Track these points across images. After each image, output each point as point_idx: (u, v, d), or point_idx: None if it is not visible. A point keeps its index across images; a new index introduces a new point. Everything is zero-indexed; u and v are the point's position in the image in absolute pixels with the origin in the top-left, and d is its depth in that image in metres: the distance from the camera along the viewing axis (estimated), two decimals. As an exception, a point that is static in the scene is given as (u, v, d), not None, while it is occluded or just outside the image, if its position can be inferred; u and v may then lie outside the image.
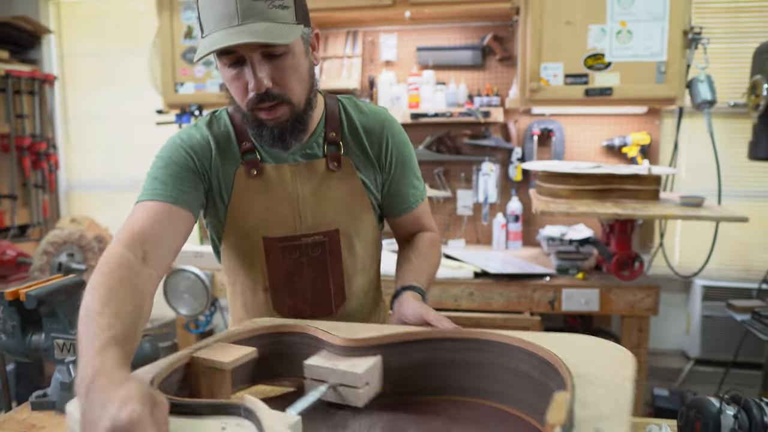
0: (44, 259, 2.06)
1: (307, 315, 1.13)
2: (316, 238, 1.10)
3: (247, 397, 0.65)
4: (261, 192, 1.08)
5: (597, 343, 0.84)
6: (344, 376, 0.81)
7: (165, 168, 1.03)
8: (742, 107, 2.52)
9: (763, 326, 2.03)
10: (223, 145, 1.08)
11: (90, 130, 3.43)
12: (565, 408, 0.63)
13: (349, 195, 1.12)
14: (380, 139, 1.14)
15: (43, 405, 0.99)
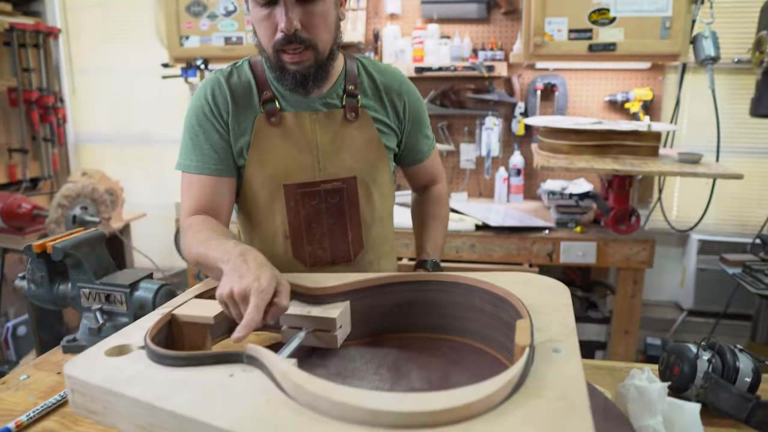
0: (59, 212, 2.13)
1: (326, 262, 1.19)
2: (334, 185, 1.15)
3: (250, 346, 0.69)
4: (281, 140, 1.12)
5: (535, 278, 0.94)
6: (320, 321, 0.87)
7: (198, 137, 1.12)
8: (746, 63, 2.52)
9: (754, 279, 2.10)
10: (242, 96, 1.12)
11: (96, 84, 3.44)
12: (528, 332, 0.73)
13: (366, 145, 1.16)
14: (398, 97, 1.20)
15: (73, 348, 1.08)
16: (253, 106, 1.12)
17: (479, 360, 0.91)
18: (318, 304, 0.91)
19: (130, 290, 1.06)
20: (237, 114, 1.12)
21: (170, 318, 0.84)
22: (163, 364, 0.69)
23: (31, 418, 0.83)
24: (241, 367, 0.68)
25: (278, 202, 1.15)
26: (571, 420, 0.56)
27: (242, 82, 1.13)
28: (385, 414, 0.55)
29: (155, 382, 0.66)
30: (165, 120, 3.35)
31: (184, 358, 0.69)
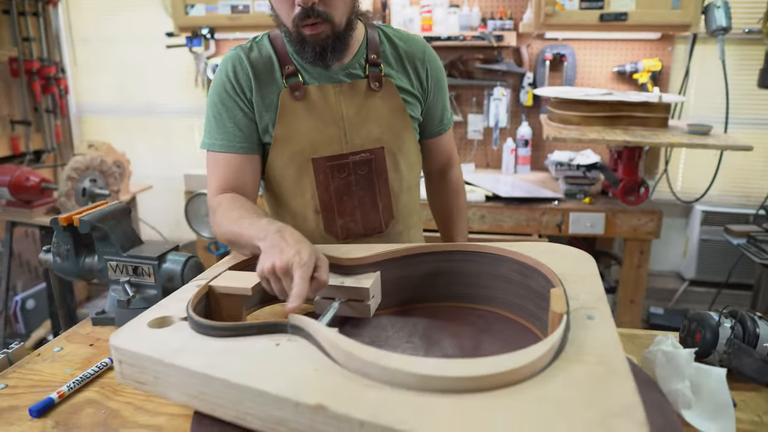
0: (69, 185, 2.12)
1: (359, 234, 1.19)
2: (363, 156, 1.15)
3: (293, 316, 0.71)
4: (306, 113, 1.11)
5: (560, 248, 0.95)
6: (353, 291, 0.89)
7: (227, 114, 1.11)
8: (756, 34, 2.50)
9: (758, 250, 2.13)
10: (264, 72, 1.11)
11: (98, 54, 3.39)
12: (564, 299, 0.74)
13: (391, 114, 1.16)
14: (422, 65, 1.19)
15: (102, 321, 1.09)
16: (275, 81, 1.11)
17: (508, 328, 0.93)
18: (350, 275, 0.93)
19: (158, 262, 1.07)
20: (260, 90, 1.11)
21: (207, 290, 0.85)
22: (208, 334, 0.71)
23: (72, 388, 0.84)
24: (286, 336, 0.70)
25: (307, 177, 1.14)
26: (613, 383, 0.58)
27: (263, 57, 1.12)
28: (435, 379, 0.56)
29: (203, 352, 0.67)
30: (169, 90, 3.32)
31: (230, 328, 0.70)
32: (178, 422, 0.77)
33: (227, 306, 0.86)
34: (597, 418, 0.52)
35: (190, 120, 3.34)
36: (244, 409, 0.61)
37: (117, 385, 0.86)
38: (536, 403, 0.55)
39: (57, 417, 0.79)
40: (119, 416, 0.79)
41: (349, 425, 0.54)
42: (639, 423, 0.51)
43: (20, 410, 0.81)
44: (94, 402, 0.82)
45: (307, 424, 0.56)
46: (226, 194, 1.10)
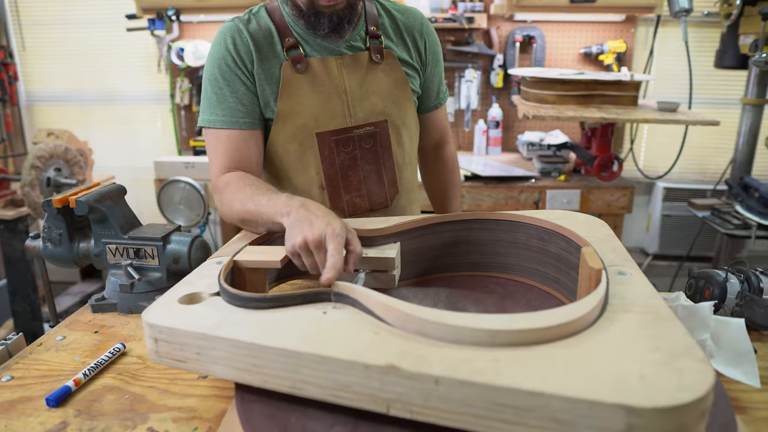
0: (33, 174, 2.00)
1: (365, 210, 1.17)
2: (367, 129, 1.12)
3: (338, 283, 0.70)
4: (309, 86, 1.08)
5: (569, 215, 0.97)
6: (378, 262, 0.88)
7: (222, 90, 1.07)
8: (714, 16, 2.62)
9: (722, 221, 2.25)
10: (263, 44, 1.08)
11: (49, 38, 3.19)
12: (597, 255, 0.76)
13: (393, 86, 1.14)
14: (420, 37, 1.18)
15: (103, 307, 1.03)
16: (276, 54, 1.08)
17: (528, 294, 0.94)
18: (371, 246, 0.91)
19: (162, 244, 1.02)
20: (261, 62, 1.07)
21: (233, 264, 0.82)
22: (248, 307, 0.68)
23: (87, 375, 0.80)
24: (331, 305, 0.68)
25: (311, 152, 1.11)
26: (665, 328, 0.59)
27: (262, 29, 1.09)
28: (502, 333, 0.56)
29: (248, 324, 0.64)
30: (130, 76, 3.17)
31: (272, 299, 0.68)
32: (209, 403, 0.74)
33: (252, 280, 0.83)
34: (663, 359, 0.53)
35: (152, 107, 3.20)
36: (302, 377, 0.59)
37: (135, 370, 0.83)
38: (601, 349, 0.56)
39: (77, 405, 0.75)
40: (145, 401, 0.75)
41: (422, 383, 0.53)
42: (703, 361, 0.53)
43: (35, 401, 0.76)
44: (114, 388, 0.78)
45: (376, 386, 0.55)
46: (233, 173, 1.06)
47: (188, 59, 2.81)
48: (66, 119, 3.29)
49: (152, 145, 3.26)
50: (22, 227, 2.28)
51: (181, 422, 0.71)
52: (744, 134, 2.45)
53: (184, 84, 2.92)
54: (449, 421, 0.53)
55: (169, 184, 2.25)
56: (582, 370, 0.52)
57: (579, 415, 0.49)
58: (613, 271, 0.74)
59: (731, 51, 2.48)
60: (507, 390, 0.50)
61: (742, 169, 2.48)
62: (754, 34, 2.27)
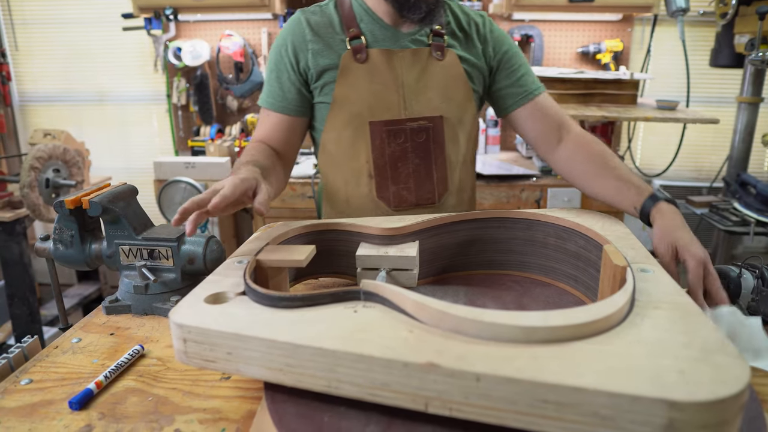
0: (32, 176, 1.98)
1: (411, 203, 1.18)
2: (421, 123, 1.14)
3: (366, 282, 0.69)
4: (367, 76, 1.12)
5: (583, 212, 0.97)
6: (398, 260, 0.88)
7: (275, 74, 1.17)
8: (710, 15, 2.65)
9: (721, 218, 2.27)
10: (325, 34, 1.13)
11: (42, 38, 3.15)
12: (620, 253, 0.76)
13: (452, 83, 1.15)
14: (483, 35, 1.20)
15: (117, 309, 1.02)
16: (337, 44, 1.13)
17: (545, 291, 0.94)
18: (390, 245, 0.91)
19: (177, 244, 1.01)
20: (318, 51, 1.13)
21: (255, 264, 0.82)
22: (278, 306, 0.67)
23: (108, 378, 0.79)
24: (361, 303, 0.67)
25: (363, 140, 1.14)
26: (695, 324, 0.59)
27: (326, 20, 1.15)
28: (540, 330, 0.56)
29: (281, 323, 0.63)
30: (125, 77, 3.14)
31: (302, 298, 0.67)
32: (234, 404, 0.74)
33: (275, 280, 0.83)
34: (697, 355, 0.54)
35: (148, 107, 3.17)
36: (338, 376, 0.58)
37: (156, 372, 0.82)
38: (636, 345, 0.56)
39: (100, 408, 0.74)
40: (169, 403, 0.75)
41: (463, 381, 0.53)
42: (737, 356, 0.53)
43: (56, 404, 0.75)
44: (136, 390, 0.78)
45: (416, 384, 0.55)
46: (255, 143, 1.17)
47: (186, 59, 2.79)
48: (60, 120, 3.25)
49: (148, 145, 3.24)
50: (20, 229, 2.25)
51: (208, 424, 0.70)
52: (740, 132, 2.48)
53: (181, 84, 2.89)
54: (488, 418, 0.53)
55: (170, 184, 2.23)
56: (620, 366, 0.52)
57: (621, 410, 0.49)
58: (635, 268, 0.75)
59: (726, 50, 2.51)
60: (550, 386, 0.50)
61: (739, 166, 2.51)
62: (750, 33, 2.29)
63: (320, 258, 0.97)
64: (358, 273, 0.91)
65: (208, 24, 2.91)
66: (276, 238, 0.92)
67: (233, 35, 2.83)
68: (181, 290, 1.02)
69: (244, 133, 2.86)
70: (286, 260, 0.81)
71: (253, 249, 0.87)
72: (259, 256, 0.83)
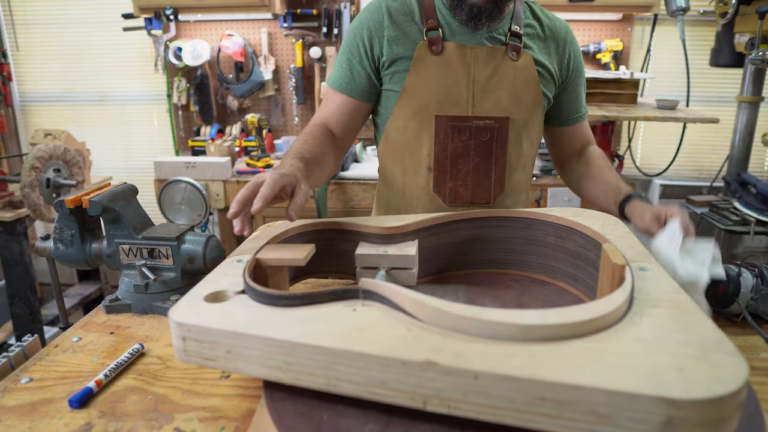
0: (33, 175, 1.98)
1: (466, 201, 1.18)
2: (487, 122, 1.13)
3: (365, 280, 0.69)
4: (439, 69, 1.11)
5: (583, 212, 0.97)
6: (398, 259, 0.88)
7: (347, 56, 1.17)
8: (710, 15, 2.65)
9: (721, 217, 2.27)
10: (403, 22, 1.13)
11: (43, 38, 3.16)
12: (619, 252, 0.76)
13: (524, 86, 1.14)
14: (564, 45, 1.19)
15: (117, 308, 1.03)
16: (414, 33, 1.12)
17: (545, 290, 0.95)
18: (389, 243, 0.92)
19: (177, 243, 1.01)
20: (394, 39, 1.12)
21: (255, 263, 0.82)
22: (278, 305, 0.67)
23: (108, 376, 0.79)
24: (359, 302, 0.68)
25: (427, 132, 1.14)
26: (693, 322, 0.59)
27: (405, 8, 1.14)
28: (537, 328, 0.57)
29: (280, 322, 0.64)
30: (126, 77, 3.14)
31: (302, 297, 0.67)
32: (234, 402, 0.74)
33: (274, 278, 0.83)
34: (696, 353, 0.53)
35: (148, 107, 3.18)
36: (336, 374, 0.59)
37: (156, 371, 0.82)
38: (634, 343, 0.56)
39: (100, 406, 0.74)
40: (169, 401, 0.75)
41: (461, 379, 0.53)
42: (736, 354, 0.53)
43: (56, 402, 0.75)
44: (136, 389, 0.78)
45: (414, 382, 0.55)
46: (315, 124, 1.17)
47: (186, 59, 2.79)
48: (60, 120, 3.26)
49: (148, 145, 3.24)
50: (21, 229, 2.25)
51: (208, 422, 0.70)
52: (740, 131, 2.48)
53: (181, 84, 2.90)
54: (486, 416, 0.53)
55: (170, 184, 2.23)
56: (618, 364, 0.52)
57: (619, 408, 0.49)
58: (634, 267, 0.75)
59: (726, 49, 2.51)
60: (547, 384, 0.50)
61: (739, 165, 2.51)
62: (750, 33, 2.29)
63: (320, 257, 0.97)
64: (357, 272, 0.91)
65: (208, 24, 2.91)
66: (276, 237, 0.92)
67: (234, 35, 2.83)
68: (181, 289, 1.02)
69: (244, 133, 2.86)
70: (286, 259, 0.81)
71: (252, 248, 0.87)
72: (259, 255, 0.83)
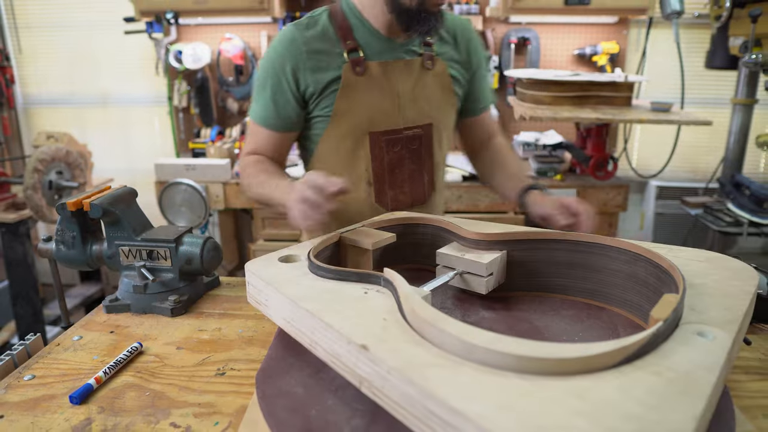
0: (35, 177, 2.01)
1: (407, 205, 1.24)
2: (415, 131, 1.19)
3: (387, 270, 0.74)
4: (366, 88, 1.14)
5: (721, 258, 0.83)
6: (470, 264, 0.89)
7: (270, 93, 1.17)
8: (704, 18, 2.67)
9: (714, 218, 2.30)
10: (321, 49, 1.13)
11: (45, 40, 3.19)
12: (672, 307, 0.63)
13: (441, 91, 1.21)
14: (467, 43, 1.25)
15: (117, 308, 1.05)
16: (335, 57, 1.14)
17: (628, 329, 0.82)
18: (475, 249, 0.92)
19: (175, 245, 1.04)
20: (317, 68, 1.13)
21: (338, 239, 0.93)
22: (316, 274, 0.78)
23: (108, 373, 0.82)
24: (377, 287, 0.73)
25: (362, 150, 1.18)
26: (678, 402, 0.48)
27: (320, 33, 1.14)
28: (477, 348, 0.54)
29: (304, 286, 0.75)
30: (127, 79, 3.18)
31: (332, 271, 0.77)
32: (227, 398, 0.77)
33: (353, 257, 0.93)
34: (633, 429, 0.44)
35: (150, 109, 3.21)
36: (315, 338, 0.66)
37: (154, 368, 0.85)
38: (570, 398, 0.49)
39: (99, 402, 0.77)
40: (165, 397, 0.78)
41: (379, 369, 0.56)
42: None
43: (58, 398, 0.78)
44: (134, 386, 0.81)
45: (354, 362, 0.59)
46: (251, 156, 1.22)
47: (186, 62, 2.82)
48: (63, 122, 3.29)
49: (149, 147, 3.28)
50: (24, 230, 2.29)
51: (203, 417, 0.73)
52: (735, 133, 2.50)
53: (182, 86, 2.93)
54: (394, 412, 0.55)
55: (171, 186, 2.26)
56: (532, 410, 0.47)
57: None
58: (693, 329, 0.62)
59: (721, 52, 2.53)
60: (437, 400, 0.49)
61: (733, 167, 2.53)
62: (744, 36, 2.32)
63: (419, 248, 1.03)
64: (437, 269, 0.94)
65: (208, 27, 2.94)
66: (378, 222, 0.99)
67: (233, 38, 2.86)
68: (179, 290, 1.05)
69: (244, 135, 2.89)
70: (358, 240, 0.90)
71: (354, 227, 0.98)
72: (346, 234, 0.92)
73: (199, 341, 0.93)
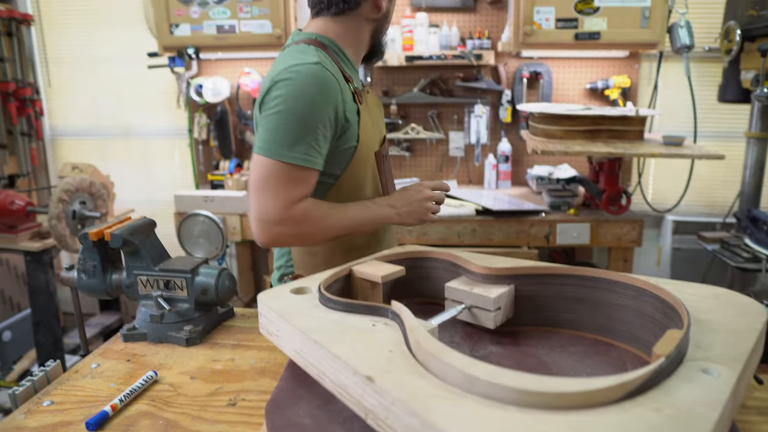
0: (60, 207, 2.08)
1: None
2: (387, 145, 1.37)
3: (395, 303, 0.75)
4: (367, 114, 1.26)
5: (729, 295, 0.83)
6: (478, 298, 0.90)
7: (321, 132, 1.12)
8: (715, 52, 2.69)
9: (732, 254, 2.27)
10: (341, 84, 1.17)
11: (73, 74, 3.33)
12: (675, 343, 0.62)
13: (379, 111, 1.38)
14: None
15: (134, 337, 1.08)
16: (347, 90, 1.20)
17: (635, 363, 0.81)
18: (483, 283, 0.93)
19: (191, 276, 1.08)
20: (343, 101, 1.16)
21: (348, 272, 0.96)
22: (327, 306, 0.81)
23: (123, 401, 0.85)
24: (385, 320, 0.75)
25: (371, 172, 1.29)
26: None
27: (334, 67, 1.17)
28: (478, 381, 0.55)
29: (314, 318, 0.77)
30: (149, 112, 3.29)
31: (342, 303, 0.79)
32: (238, 429, 0.78)
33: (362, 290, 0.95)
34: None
35: (171, 141, 3.31)
36: (323, 369, 0.67)
37: (168, 397, 0.87)
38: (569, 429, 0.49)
39: (114, 429, 0.79)
40: (179, 426, 0.79)
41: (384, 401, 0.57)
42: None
43: (75, 425, 0.80)
44: (148, 414, 0.83)
45: (360, 393, 0.60)
46: (305, 201, 1.13)
47: (207, 95, 2.92)
48: (88, 153, 3.40)
49: (170, 179, 3.36)
50: (47, 259, 2.35)
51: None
52: (750, 167, 2.50)
53: (202, 119, 3.02)
54: None
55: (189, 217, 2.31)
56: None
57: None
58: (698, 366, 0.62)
59: (733, 85, 2.55)
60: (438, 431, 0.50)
61: (750, 201, 2.52)
62: (755, 69, 2.33)
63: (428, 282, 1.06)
64: (446, 303, 0.95)
65: (228, 62, 3.04)
66: (388, 256, 1.02)
67: (252, 72, 2.95)
68: (194, 320, 1.07)
69: (261, 167, 2.95)
70: (368, 273, 0.93)
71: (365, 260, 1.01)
72: (355, 267, 0.95)
73: (212, 371, 0.95)
